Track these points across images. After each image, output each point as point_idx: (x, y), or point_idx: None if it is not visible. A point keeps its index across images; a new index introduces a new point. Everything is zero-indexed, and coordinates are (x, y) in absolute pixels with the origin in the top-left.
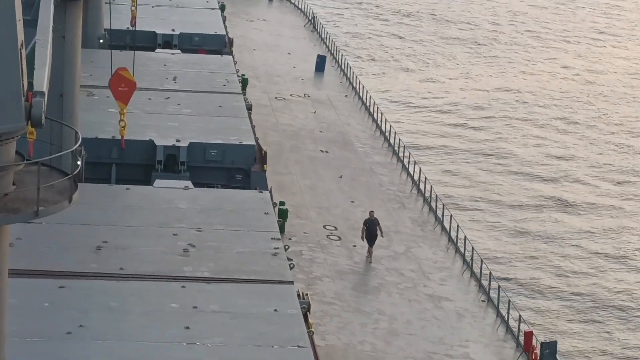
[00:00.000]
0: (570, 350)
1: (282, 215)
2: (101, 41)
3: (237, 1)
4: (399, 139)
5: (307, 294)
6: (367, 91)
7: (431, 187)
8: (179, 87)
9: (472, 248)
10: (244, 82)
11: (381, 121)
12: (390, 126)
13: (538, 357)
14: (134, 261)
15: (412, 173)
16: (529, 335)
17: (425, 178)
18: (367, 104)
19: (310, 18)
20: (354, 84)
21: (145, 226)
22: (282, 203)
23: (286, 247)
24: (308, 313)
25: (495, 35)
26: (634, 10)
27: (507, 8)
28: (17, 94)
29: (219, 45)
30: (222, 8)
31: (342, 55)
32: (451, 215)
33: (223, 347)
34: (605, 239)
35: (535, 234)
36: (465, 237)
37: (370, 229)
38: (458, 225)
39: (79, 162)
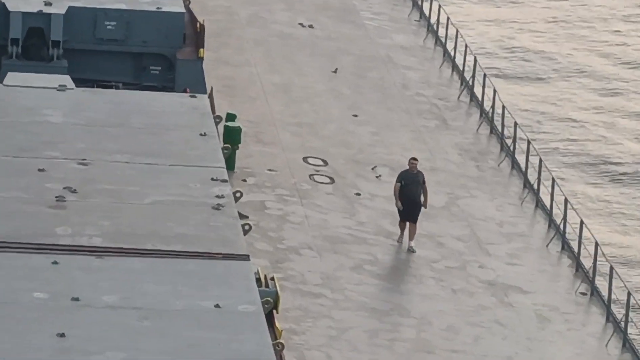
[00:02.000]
0: None
1: (232, 137)
2: None
3: None
4: (439, 7)
5: (272, 278)
6: None
7: (494, 91)
8: None
9: (566, 200)
10: None
11: None
12: None
13: None
14: None
15: (460, 66)
16: None
17: (485, 75)
18: None
19: None
20: None
21: None
22: (231, 117)
23: (238, 194)
24: (275, 311)
25: None
26: None
27: None
28: None
29: None
30: None
31: None
32: (528, 142)
33: None
34: None
35: None
36: (552, 180)
37: (410, 190)
38: (541, 160)
39: None
